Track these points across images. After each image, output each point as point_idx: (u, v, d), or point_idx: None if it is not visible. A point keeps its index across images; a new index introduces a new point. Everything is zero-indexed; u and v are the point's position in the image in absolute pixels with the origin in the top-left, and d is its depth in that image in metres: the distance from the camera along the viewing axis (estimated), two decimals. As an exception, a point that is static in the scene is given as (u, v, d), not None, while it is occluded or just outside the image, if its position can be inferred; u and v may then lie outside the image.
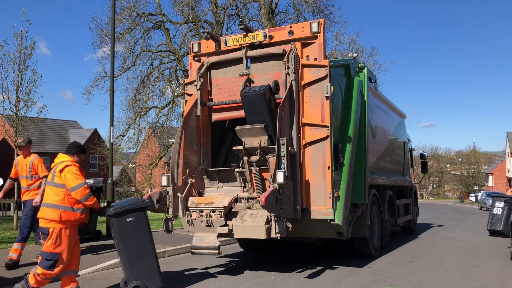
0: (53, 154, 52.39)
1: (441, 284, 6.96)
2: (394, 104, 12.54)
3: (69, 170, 5.65)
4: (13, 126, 13.84)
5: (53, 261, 5.51)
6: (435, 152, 79.10)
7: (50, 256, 5.50)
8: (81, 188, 5.59)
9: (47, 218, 5.54)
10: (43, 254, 5.53)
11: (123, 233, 6.02)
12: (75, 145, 6.16)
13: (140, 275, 6.04)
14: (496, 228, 13.57)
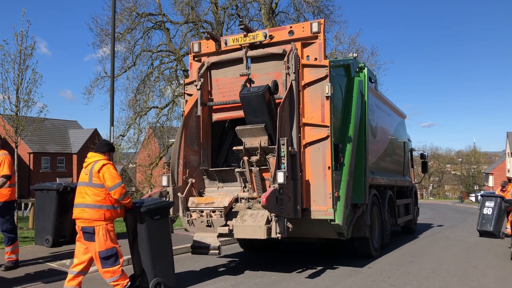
0: (53, 154, 52.45)
1: (441, 284, 6.96)
2: (394, 104, 12.54)
3: (107, 169, 5.71)
4: (13, 126, 13.84)
5: (113, 255, 5.61)
6: (435, 152, 79.14)
7: (109, 252, 5.58)
8: (119, 187, 5.68)
9: (90, 218, 5.60)
10: (101, 254, 5.56)
11: (150, 230, 6.10)
12: (106, 143, 6.18)
13: (160, 273, 6.15)
14: (486, 228, 13.18)
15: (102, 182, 5.66)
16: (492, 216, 13.15)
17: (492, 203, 13.32)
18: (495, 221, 13.08)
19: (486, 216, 13.26)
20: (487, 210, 13.26)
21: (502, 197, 13.28)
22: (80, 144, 48.46)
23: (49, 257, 8.43)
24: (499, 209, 13.12)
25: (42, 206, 9.86)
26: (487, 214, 13.28)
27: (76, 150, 48.55)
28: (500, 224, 13.09)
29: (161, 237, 6.24)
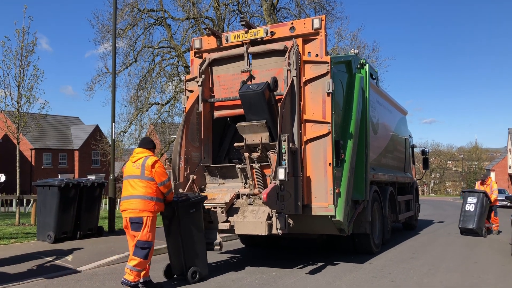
0: (55, 150, 52.60)
1: (442, 280, 6.98)
2: (395, 101, 12.53)
3: (159, 165, 6.13)
4: (15, 122, 13.88)
5: (148, 249, 5.92)
6: (436, 148, 78.93)
7: (146, 244, 5.90)
8: (168, 182, 6.20)
9: (140, 208, 5.96)
10: (139, 243, 5.89)
11: (187, 222, 6.53)
12: (151, 141, 6.60)
13: (195, 262, 6.61)
14: (468, 226, 12.36)
15: (153, 176, 6.03)
16: (474, 213, 12.37)
17: (474, 199, 12.52)
18: (478, 218, 12.35)
19: (468, 213, 12.50)
20: (469, 207, 12.51)
21: (485, 193, 12.59)
22: (82, 140, 48.53)
23: (51, 253, 8.47)
24: (482, 205, 12.43)
25: (44, 202, 9.90)
26: (469, 211, 12.50)
27: (77, 146, 48.62)
28: (483, 221, 12.48)
29: (195, 229, 6.65)
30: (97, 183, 10.62)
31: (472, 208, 12.42)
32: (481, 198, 12.46)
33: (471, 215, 12.37)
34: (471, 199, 12.56)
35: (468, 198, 12.64)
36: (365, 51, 23.94)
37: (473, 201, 12.48)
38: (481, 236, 12.14)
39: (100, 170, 48.00)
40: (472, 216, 12.35)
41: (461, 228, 12.58)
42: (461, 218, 12.59)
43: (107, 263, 7.94)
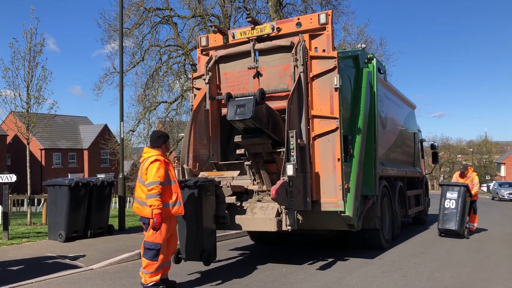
0: (64, 150, 53.09)
1: (452, 275, 6.94)
2: (403, 95, 12.45)
3: (152, 167, 5.77)
4: (25, 123, 14.01)
5: (155, 250, 5.75)
6: (445, 142, 78.41)
7: (152, 246, 5.75)
8: (151, 186, 5.67)
9: (143, 214, 5.84)
10: (145, 244, 5.79)
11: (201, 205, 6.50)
12: (159, 136, 6.17)
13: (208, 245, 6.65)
14: (449, 226, 10.66)
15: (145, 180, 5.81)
16: (456, 210, 10.64)
17: (455, 194, 10.79)
18: (460, 216, 10.60)
19: (448, 211, 10.75)
20: (449, 203, 10.75)
21: (466, 186, 10.96)
22: (91, 139, 48.86)
23: (62, 252, 8.54)
24: (464, 200, 10.72)
25: (54, 202, 9.98)
26: (449, 208, 10.74)
27: (86, 145, 48.96)
28: (465, 220, 10.86)
29: (209, 212, 6.68)
30: (106, 182, 10.68)
31: (452, 205, 10.74)
32: (463, 192, 10.78)
33: (451, 213, 10.70)
34: (450, 194, 10.86)
35: (447, 193, 10.93)
36: (372, 45, 23.83)
37: (453, 196, 10.78)
38: (464, 237, 10.66)
39: (110, 169, 48.29)
40: (453, 214, 10.67)
41: (440, 229, 10.91)
42: (440, 217, 10.89)
43: (118, 261, 8.00)
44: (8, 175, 9.96)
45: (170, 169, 5.99)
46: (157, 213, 5.62)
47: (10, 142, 43.49)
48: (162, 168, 5.80)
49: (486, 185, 55.21)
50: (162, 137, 6.16)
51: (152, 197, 5.63)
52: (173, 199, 5.87)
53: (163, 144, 6.11)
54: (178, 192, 5.94)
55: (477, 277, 6.83)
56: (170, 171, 5.97)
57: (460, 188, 10.85)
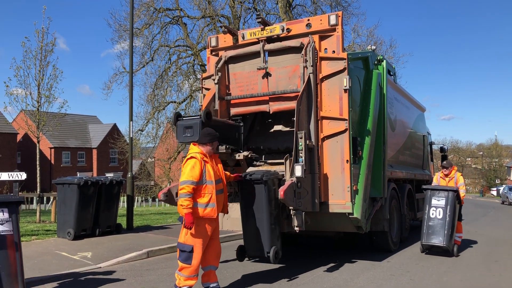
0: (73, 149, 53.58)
1: (461, 279, 6.89)
2: (413, 97, 12.38)
3: (187, 164, 5.61)
4: (35, 121, 14.12)
5: (186, 253, 5.56)
6: (455, 145, 77.88)
7: (184, 247, 5.58)
8: (183, 185, 5.50)
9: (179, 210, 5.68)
10: (178, 244, 5.68)
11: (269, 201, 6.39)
12: (207, 134, 5.94)
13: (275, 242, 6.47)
14: (436, 241, 8.58)
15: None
16: (443, 221, 8.60)
17: (442, 200, 8.73)
18: (449, 228, 8.55)
19: (435, 221, 8.71)
20: (435, 212, 8.75)
21: (456, 190, 8.89)
22: (100, 138, 49.19)
23: (71, 250, 8.59)
24: (454, 209, 8.70)
25: (63, 200, 10.04)
26: (435, 218, 8.71)
27: (95, 144, 49.29)
28: (454, 233, 8.82)
29: (275, 207, 6.51)
30: (115, 181, 10.72)
31: (439, 214, 8.70)
32: (451, 198, 8.73)
33: (438, 225, 8.65)
34: (437, 201, 8.82)
35: (433, 199, 8.87)
36: (382, 47, 23.71)
37: (440, 204, 8.75)
38: (453, 255, 8.70)
39: (118, 168, 48.59)
40: (441, 226, 8.61)
41: (424, 245, 8.82)
42: (424, 229, 8.80)
43: (126, 260, 8.03)
44: (18, 173, 10.03)
45: (208, 168, 5.70)
46: (187, 213, 5.44)
47: (20, 140, 43.89)
48: (198, 167, 5.57)
49: (496, 189, 54.73)
50: (210, 135, 5.89)
51: (182, 196, 5.48)
52: (205, 200, 5.62)
53: (208, 143, 5.83)
54: (212, 194, 5.67)
55: (486, 282, 6.77)
56: (208, 170, 5.69)
57: (448, 194, 8.76)
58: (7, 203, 5.43)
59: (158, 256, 8.73)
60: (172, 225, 12.72)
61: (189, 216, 5.44)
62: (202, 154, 5.75)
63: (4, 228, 5.34)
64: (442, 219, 8.65)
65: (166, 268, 7.54)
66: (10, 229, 5.36)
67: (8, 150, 40.34)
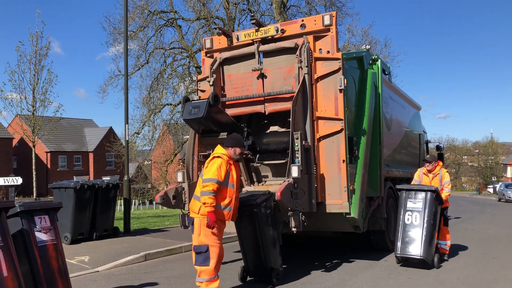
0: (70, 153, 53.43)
1: (459, 277, 6.90)
2: (409, 96, 12.41)
3: (212, 163, 5.54)
4: (31, 125, 14.10)
5: (203, 253, 5.38)
6: (451, 143, 78.11)
7: (199, 249, 5.42)
8: (207, 183, 5.38)
9: (191, 209, 5.64)
10: (194, 248, 5.50)
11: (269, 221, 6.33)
12: (231, 138, 5.97)
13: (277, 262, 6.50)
14: (412, 253, 7.35)
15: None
16: (420, 228, 7.37)
17: (419, 203, 7.50)
18: (428, 237, 7.34)
19: (410, 228, 7.48)
20: (411, 217, 7.50)
21: (436, 190, 7.59)
22: (96, 142, 49.06)
23: (68, 254, 8.55)
24: (433, 212, 7.47)
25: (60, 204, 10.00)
26: (411, 225, 7.48)
27: (92, 148, 49.15)
28: (434, 242, 7.61)
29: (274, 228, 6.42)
30: (112, 184, 10.71)
31: (416, 220, 7.46)
32: (430, 200, 7.48)
33: (414, 233, 7.42)
34: (413, 203, 7.57)
35: (408, 202, 7.62)
36: (376, 47, 23.74)
37: (417, 207, 7.50)
38: (434, 267, 7.45)
39: (115, 171, 48.43)
40: (417, 234, 7.38)
41: (399, 257, 7.56)
42: (398, 238, 7.56)
43: (123, 263, 8.01)
44: (14, 178, 10.01)
45: (232, 172, 5.70)
46: (210, 211, 5.31)
47: (16, 145, 43.72)
48: (224, 167, 5.54)
49: (493, 186, 54.94)
50: (232, 139, 5.93)
51: (206, 194, 5.34)
52: (225, 202, 5.58)
53: (230, 147, 5.84)
54: (232, 198, 5.63)
55: (483, 279, 6.79)
56: (232, 174, 5.68)
57: (426, 195, 7.52)
58: (47, 209, 5.10)
59: (155, 259, 8.71)
60: (170, 228, 12.70)
61: (213, 214, 5.32)
62: (228, 156, 5.72)
63: (48, 237, 4.97)
64: (419, 225, 7.42)
65: (164, 271, 7.52)
66: (53, 237, 5.05)
67: (3, 155, 40.20)
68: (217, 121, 7.24)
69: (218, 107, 7.21)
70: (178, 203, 7.53)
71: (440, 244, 8.12)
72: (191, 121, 7.17)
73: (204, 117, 6.85)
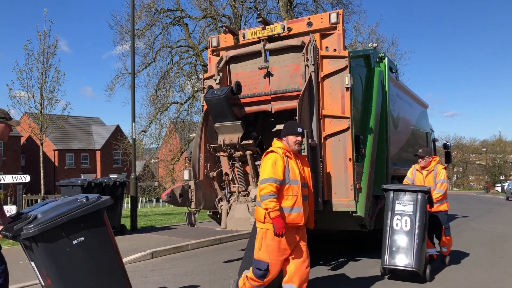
0: (77, 151, 53.82)
1: (466, 276, 6.87)
2: (416, 94, 12.36)
3: (265, 160, 4.69)
4: (38, 124, 14.19)
5: (260, 270, 4.60)
6: (459, 142, 77.72)
7: (258, 265, 4.63)
8: (263, 184, 4.51)
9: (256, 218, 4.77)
10: (253, 262, 4.73)
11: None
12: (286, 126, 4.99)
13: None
14: (401, 263, 6.40)
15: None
16: (411, 234, 6.46)
17: (409, 206, 6.61)
18: (419, 244, 6.40)
19: (399, 235, 6.55)
20: (401, 222, 6.60)
21: (427, 191, 6.64)
22: (103, 140, 49.28)
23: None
24: (424, 217, 6.53)
25: (67, 202, 10.06)
26: (400, 230, 6.57)
27: (99, 146, 49.40)
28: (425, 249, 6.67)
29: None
30: (119, 182, 10.75)
31: (406, 225, 6.55)
32: (422, 202, 6.58)
33: (404, 239, 6.50)
34: (402, 206, 6.69)
35: (397, 204, 6.73)
36: (384, 45, 23.73)
37: (407, 210, 6.62)
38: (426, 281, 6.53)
39: (122, 169, 48.64)
40: (407, 241, 6.47)
41: (387, 268, 6.63)
42: (386, 246, 6.61)
43: (130, 261, 8.05)
44: (22, 176, 10.09)
45: (292, 165, 4.72)
46: (274, 217, 4.41)
47: (24, 143, 44.05)
48: (280, 162, 4.61)
49: (501, 185, 54.59)
50: (284, 128, 4.99)
51: (265, 198, 4.45)
52: (289, 203, 4.58)
53: (283, 137, 4.92)
54: (298, 196, 4.63)
55: (491, 278, 6.75)
56: (292, 168, 4.69)
57: (417, 196, 6.61)
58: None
59: (162, 256, 8.75)
60: (176, 226, 12.74)
61: (279, 220, 4.42)
62: (285, 149, 4.81)
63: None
64: (410, 231, 6.48)
65: (171, 269, 7.55)
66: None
67: (12, 153, 40.48)
68: (234, 111, 7.31)
69: (238, 98, 7.38)
70: (184, 201, 7.56)
71: (441, 248, 7.66)
72: (211, 101, 7.27)
73: (224, 97, 7.00)
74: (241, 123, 7.30)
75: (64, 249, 3.80)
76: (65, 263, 3.81)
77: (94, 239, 4.05)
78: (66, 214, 3.85)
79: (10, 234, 3.77)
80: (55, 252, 3.77)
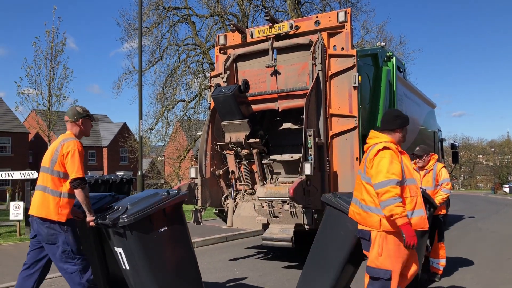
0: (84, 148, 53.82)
1: (473, 277, 6.83)
2: (423, 94, 12.30)
3: (380, 158, 3.86)
4: (46, 120, 14.28)
5: (382, 280, 3.84)
6: (466, 142, 77.19)
7: (379, 274, 3.86)
8: (385, 187, 3.70)
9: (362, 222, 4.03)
10: (368, 269, 3.98)
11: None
12: (395, 116, 4.19)
13: None
14: None
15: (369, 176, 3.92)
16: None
17: None
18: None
19: None
20: None
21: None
22: (110, 137, 49.45)
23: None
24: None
25: (74, 198, 10.13)
26: None
27: (106, 143, 49.58)
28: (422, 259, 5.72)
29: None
30: (125, 179, 10.79)
31: None
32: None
33: None
34: None
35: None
36: (391, 43, 23.64)
37: None
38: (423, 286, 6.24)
39: (129, 166, 48.78)
40: None
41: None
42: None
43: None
44: (30, 172, 10.16)
45: (406, 162, 4.02)
46: (403, 224, 3.64)
47: (32, 139, 44.30)
48: (396, 160, 3.88)
49: (508, 186, 54.27)
50: (400, 118, 4.16)
51: (390, 202, 3.65)
52: (409, 206, 3.82)
53: (399, 128, 4.14)
54: (417, 197, 3.91)
55: (498, 279, 6.70)
56: (406, 165, 3.98)
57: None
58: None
59: (168, 254, 8.76)
60: (182, 223, 12.75)
61: (409, 227, 3.67)
62: (396, 144, 4.09)
63: None
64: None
65: (176, 266, 7.57)
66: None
67: (20, 150, 40.72)
68: (241, 109, 7.31)
69: (246, 96, 7.41)
70: (190, 199, 7.58)
71: (432, 263, 6.59)
72: (218, 98, 7.27)
73: (232, 94, 7.01)
74: (248, 121, 7.29)
75: (152, 237, 4.30)
76: (152, 249, 4.32)
77: (174, 229, 4.58)
78: (154, 205, 4.31)
79: (109, 222, 4.18)
80: (145, 239, 4.27)
